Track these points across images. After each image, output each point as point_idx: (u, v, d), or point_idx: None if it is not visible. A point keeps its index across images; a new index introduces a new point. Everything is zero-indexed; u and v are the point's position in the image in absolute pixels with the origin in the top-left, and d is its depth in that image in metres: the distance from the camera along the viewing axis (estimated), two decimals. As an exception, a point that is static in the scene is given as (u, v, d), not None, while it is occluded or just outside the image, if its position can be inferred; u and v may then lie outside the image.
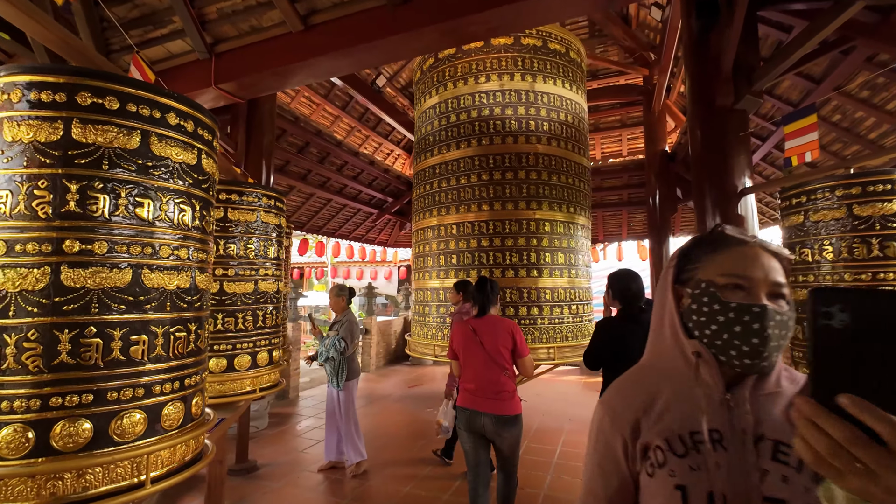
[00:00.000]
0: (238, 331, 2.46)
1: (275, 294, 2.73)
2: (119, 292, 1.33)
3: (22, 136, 1.26)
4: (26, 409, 1.18)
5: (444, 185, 5.57)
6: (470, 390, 2.64)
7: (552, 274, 5.28)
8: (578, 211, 5.64)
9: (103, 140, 1.32)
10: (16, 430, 1.16)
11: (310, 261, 14.56)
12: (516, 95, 5.42)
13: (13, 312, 1.20)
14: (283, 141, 6.92)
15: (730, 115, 3.29)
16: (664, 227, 7.92)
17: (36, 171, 1.25)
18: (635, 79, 8.55)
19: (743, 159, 3.28)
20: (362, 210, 9.81)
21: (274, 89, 3.81)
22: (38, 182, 1.25)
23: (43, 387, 1.19)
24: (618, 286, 2.67)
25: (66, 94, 1.29)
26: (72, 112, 1.29)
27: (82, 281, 1.26)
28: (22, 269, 1.21)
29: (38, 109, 1.27)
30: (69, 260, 1.25)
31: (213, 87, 3.19)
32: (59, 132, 1.27)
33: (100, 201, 1.30)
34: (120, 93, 1.35)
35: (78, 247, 1.26)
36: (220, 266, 2.41)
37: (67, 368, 1.22)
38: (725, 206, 3.28)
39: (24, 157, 1.25)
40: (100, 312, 1.28)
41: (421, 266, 5.81)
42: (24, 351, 1.19)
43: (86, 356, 1.25)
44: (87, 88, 1.31)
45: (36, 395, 1.19)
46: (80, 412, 1.23)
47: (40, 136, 1.26)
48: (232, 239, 2.43)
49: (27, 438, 1.17)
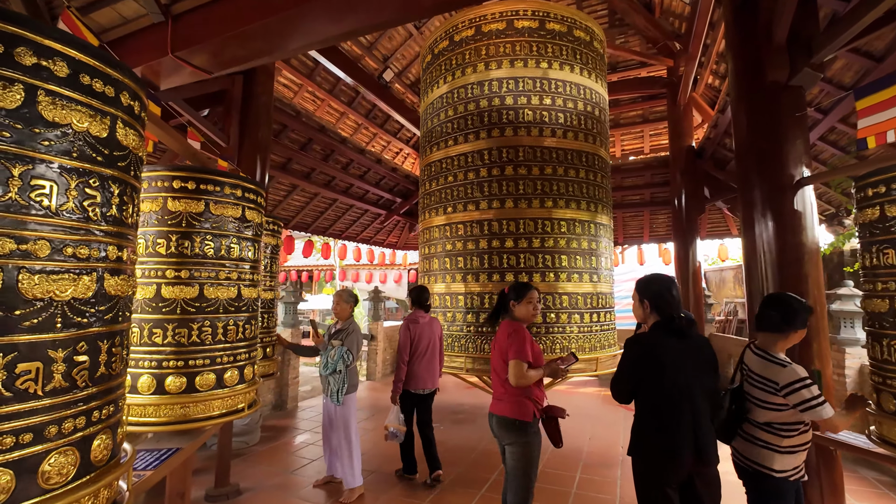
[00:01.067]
0: (193, 344, 2.07)
1: (249, 301, 2.34)
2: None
3: None
4: None
5: (451, 180, 5.15)
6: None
7: (570, 278, 4.81)
8: (600, 209, 5.16)
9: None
10: None
11: (317, 263, 14.29)
12: (531, 83, 4.98)
13: None
14: (285, 137, 6.59)
15: (784, 93, 2.80)
16: (691, 229, 7.37)
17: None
18: (658, 70, 8.03)
19: (800, 145, 2.79)
20: (370, 211, 9.45)
21: (241, 62, 3.30)
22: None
23: None
24: (653, 293, 2.18)
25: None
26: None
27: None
28: None
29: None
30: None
31: (170, 56, 2.80)
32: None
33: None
34: None
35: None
36: (170, 267, 2.03)
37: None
38: (779, 200, 2.80)
39: None
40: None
41: (427, 269, 5.39)
42: None
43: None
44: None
45: None
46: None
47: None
48: (187, 236, 2.05)
49: None
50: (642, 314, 2.23)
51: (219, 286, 2.19)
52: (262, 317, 3.42)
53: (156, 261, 2.05)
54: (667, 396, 2.00)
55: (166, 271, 2.06)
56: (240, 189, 2.29)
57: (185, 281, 2.09)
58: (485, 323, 4.49)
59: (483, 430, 5.26)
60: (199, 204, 2.13)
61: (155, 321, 2.04)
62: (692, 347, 2.09)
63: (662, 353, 2.03)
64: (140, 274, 2.03)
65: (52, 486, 1.06)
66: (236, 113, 4.85)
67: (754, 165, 2.90)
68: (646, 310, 2.19)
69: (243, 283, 2.29)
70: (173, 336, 2.03)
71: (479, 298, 4.78)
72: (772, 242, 2.79)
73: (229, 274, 2.21)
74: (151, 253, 2.06)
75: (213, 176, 2.18)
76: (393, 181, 9.08)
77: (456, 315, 4.88)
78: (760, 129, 2.88)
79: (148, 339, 2.05)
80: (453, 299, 4.94)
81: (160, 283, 2.06)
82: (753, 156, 2.90)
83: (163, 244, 2.08)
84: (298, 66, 7.19)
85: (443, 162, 5.29)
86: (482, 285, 4.80)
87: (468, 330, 4.80)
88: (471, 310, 4.81)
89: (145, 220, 2.08)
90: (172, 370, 2.07)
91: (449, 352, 4.84)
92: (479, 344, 4.71)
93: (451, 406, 6.40)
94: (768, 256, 2.82)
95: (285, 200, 7.69)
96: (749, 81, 2.93)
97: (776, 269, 2.76)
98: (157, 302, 2.04)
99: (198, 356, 2.10)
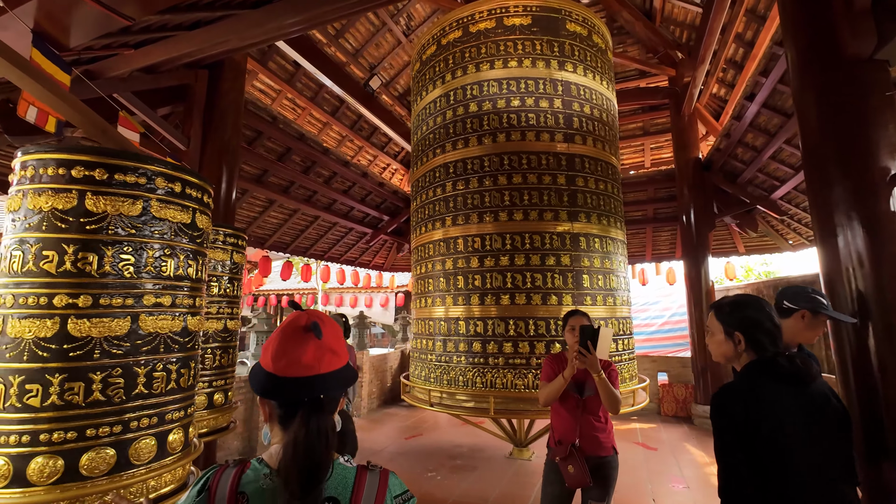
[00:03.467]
0: (94, 405, 1.37)
1: (175, 337, 1.63)
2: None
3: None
4: None
5: (449, 190, 4.55)
6: None
7: (583, 301, 4.19)
8: (613, 223, 4.60)
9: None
10: None
11: (297, 287, 13.43)
12: (534, 84, 4.47)
13: None
14: (260, 145, 5.95)
15: (868, 68, 2.28)
16: (702, 246, 6.88)
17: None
18: (659, 80, 7.69)
19: (893, 130, 2.25)
20: (355, 230, 8.77)
21: (105, 28, 2.58)
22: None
23: None
24: (747, 322, 1.55)
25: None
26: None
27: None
28: None
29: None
30: None
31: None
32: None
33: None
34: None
35: None
36: (85, 292, 1.33)
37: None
38: (869, 200, 2.23)
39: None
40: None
41: (423, 290, 4.72)
42: None
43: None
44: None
45: None
46: None
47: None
48: (93, 246, 1.35)
49: None
50: (730, 351, 1.58)
51: (159, 316, 1.49)
52: (214, 353, 2.69)
53: (44, 282, 1.34)
54: (799, 488, 1.32)
55: (80, 297, 1.35)
56: (179, 183, 1.60)
57: (105, 311, 1.39)
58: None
59: (490, 478, 4.51)
60: (135, 204, 1.45)
61: (32, 373, 1.32)
62: (816, 401, 1.44)
63: (779, 413, 1.37)
64: (33, 302, 1.32)
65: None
66: (199, 112, 4.20)
67: (831, 157, 2.35)
68: (738, 346, 1.55)
69: (192, 311, 1.61)
70: (60, 394, 1.32)
71: (482, 324, 4.12)
72: (862, 253, 2.22)
73: (174, 300, 1.53)
74: (36, 272, 1.35)
75: (135, 162, 1.49)
76: (380, 197, 8.46)
77: (459, 344, 4.19)
78: (839, 114, 2.34)
79: (19, 402, 1.32)
80: (452, 325, 4.25)
81: (66, 314, 1.34)
82: (831, 147, 2.36)
83: (53, 259, 1.37)
84: (277, 70, 6.62)
85: (436, 171, 4.70)
86: (484, 309, 4.14)
87: (472, 361, 4.11)
88: (474, 337, 4.13)
89: (36, 222, 1.38)
90: (47, 447, 1.34)
91: (449, 388, 4.14)
92: (489, 378, 4.02)
93: (445, 448, 5.61)
94: (859, 271, 2.24)
95: (261, 217, 6.98)
96: (820, 58, 2.41)
97: (872, 286, 2.18)
98: (59, 342, 1.32)
99: (97, 421, 1.38)
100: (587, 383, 2.41)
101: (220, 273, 2.70)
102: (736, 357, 1.54)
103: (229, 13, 3.12)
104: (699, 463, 5.03)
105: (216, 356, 2.69)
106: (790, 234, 7.23)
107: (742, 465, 1.32)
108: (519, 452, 5.22)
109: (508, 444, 5.40)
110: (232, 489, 0.85)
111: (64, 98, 1.53)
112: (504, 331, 4.05)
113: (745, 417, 1.36)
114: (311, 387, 0.85)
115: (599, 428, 2.39)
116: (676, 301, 10.60)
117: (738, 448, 1.34)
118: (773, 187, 6.18)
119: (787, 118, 4.87)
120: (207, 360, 2.64)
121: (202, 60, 4.02)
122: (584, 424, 2.38)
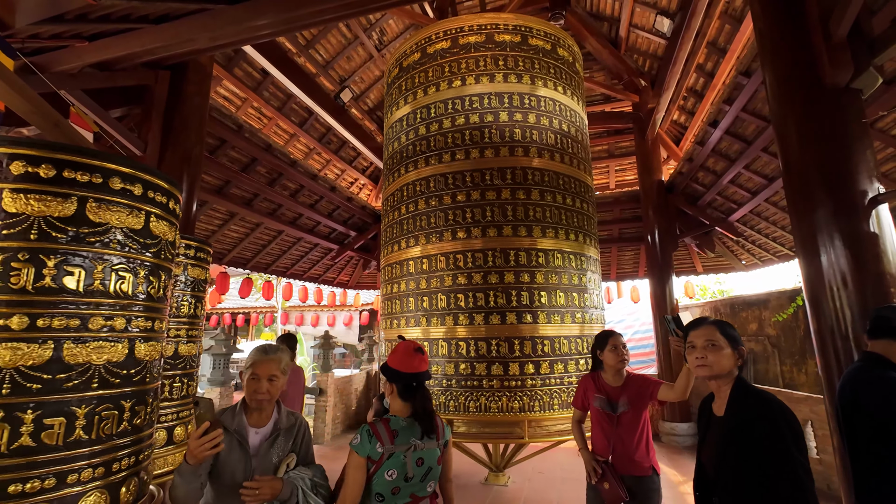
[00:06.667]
0: (9, 455, 1.11)
1: (113, 368, 1.37)
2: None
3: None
4: None
5: (421, 206, 4.42)
6: None
7: (550, 319, 4.10)
8: (587, 240, 4.61)
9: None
10: None
11: (256, 305, 12.74)
12: (508, 99, 4.47)
13: None
14: (223, 155, 5.61)
15: (844, 97, 2.39)
16: (666, 266, 7.10)
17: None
18: (623, 106, 8.00)
19: (869, 156, 2.35)
20: (320, 245, 8.44)
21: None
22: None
23: None
24: (739, 338, 1.60)
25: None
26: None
27: None
28: None
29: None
30: None
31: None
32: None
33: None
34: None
35: None
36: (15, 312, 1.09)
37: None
38: (849, 221, 2.31)
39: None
40: None
41: (391, 311, 4.52)
42: None
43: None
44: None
45: None
46: None
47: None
48: (36, 258, 1.12)
49: None
50: (732, 365, 1.58)
51: (97, 343, 1.24)
52: (176, 382, 2.39)
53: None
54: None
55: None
56: (139, 184, 1.38)
57: (27, 335, 1.14)
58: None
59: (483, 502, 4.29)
60: (69, 203, 1.21)
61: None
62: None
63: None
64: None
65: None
66: (158, 116, 3.88)
67: (816, 181, 2.43)
68: (737, 360, 1.60)
69: (150, 336, 1.37)
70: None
71: (465, 344, 3.96)
72: (846, 272, 2.29)
73: (121, 322, 1.28)
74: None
75: (90, 159, 1.26)
76: (348, 212, 8.20)
77: (446, 367, 4.00)
78: (819, 140, 2.43)
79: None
80: (433, 346, 4.07)
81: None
82: (814, 171, 2.44)
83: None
84: (243, 77, 6.32)
85: (405, 189, 4.57)
86: (470, 329, 3.99)
87: (443, 385, 3.94)
88: (444, 359, 3.97)
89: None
90: None
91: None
92: (481, 402, 3.84)
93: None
94: (842, 291, 2.30)
95: (220, 231, 6.55)
96: (801, 87, 2.51)
97: (857, 303, 2.23)
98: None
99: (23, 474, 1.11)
100: (620, 400, 2.37)
101: (181, 291, 2.42)
102: (732, 370, 1.56)
103: (204, 7, 2.89)
104: (672, 482, 5.04)
105: (176, 384, 2.38)
106: (744, 255, 7.62)
107: None
108: (495, 478, 5.04)
109: (483, 468, 5.21)
110: (387, 429, 1.55)
111: (11, 82, 1.28)
112: (475, 352, 3.91)
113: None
114: (419, 377, 1.64)
115: (634, 445, 2.31)
116: (639, 318, 10.88)
117: None
118: (731, 210, 6.50)
119: (747, 145, 5.13)
120: (166, 389, 2.34)
121: (165, 60, 3.73)
122: (617, 441, 2.32)
